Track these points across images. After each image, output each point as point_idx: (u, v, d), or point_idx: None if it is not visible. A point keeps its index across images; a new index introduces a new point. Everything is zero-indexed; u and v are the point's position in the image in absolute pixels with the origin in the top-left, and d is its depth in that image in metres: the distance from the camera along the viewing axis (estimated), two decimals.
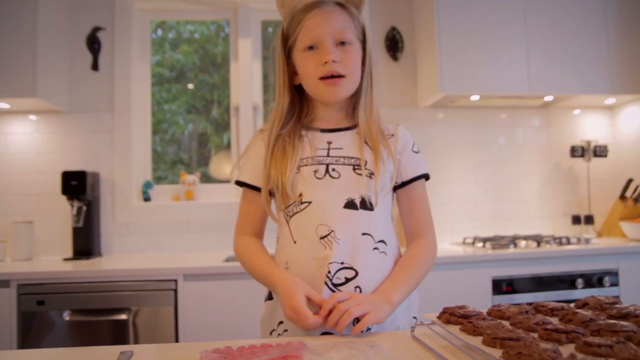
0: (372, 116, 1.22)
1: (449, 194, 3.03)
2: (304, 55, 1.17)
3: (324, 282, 1.12)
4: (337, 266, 1.12)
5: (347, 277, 1.13)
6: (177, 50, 3.24)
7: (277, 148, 1.20)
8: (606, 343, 0.70)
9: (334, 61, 1.14)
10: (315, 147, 1.21)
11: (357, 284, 1.13)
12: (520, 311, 0.93)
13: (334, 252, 1.12)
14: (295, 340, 0.90)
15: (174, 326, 2.18)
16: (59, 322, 2.15)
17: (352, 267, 1.13)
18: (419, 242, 1.24)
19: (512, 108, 3.13)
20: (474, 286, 2.36)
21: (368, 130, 1.20)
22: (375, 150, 1.19)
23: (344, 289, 1.12)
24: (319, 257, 1.13)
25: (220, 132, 3.24)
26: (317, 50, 1.16)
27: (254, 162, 1.24)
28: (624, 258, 2.50)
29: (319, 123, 1.25)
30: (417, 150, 1.28)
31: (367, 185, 1.17)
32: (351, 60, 1.17)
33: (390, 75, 3.00)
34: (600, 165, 3.18)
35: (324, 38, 1.15)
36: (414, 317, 1.24)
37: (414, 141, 1.29)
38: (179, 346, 0.99)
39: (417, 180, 1.25)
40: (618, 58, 2.85)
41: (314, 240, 1.14)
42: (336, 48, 1.16)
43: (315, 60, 1.16)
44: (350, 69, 1.17)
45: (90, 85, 2.79)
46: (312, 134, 1.22)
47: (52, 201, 2.70)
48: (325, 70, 1.15)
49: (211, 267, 2.23)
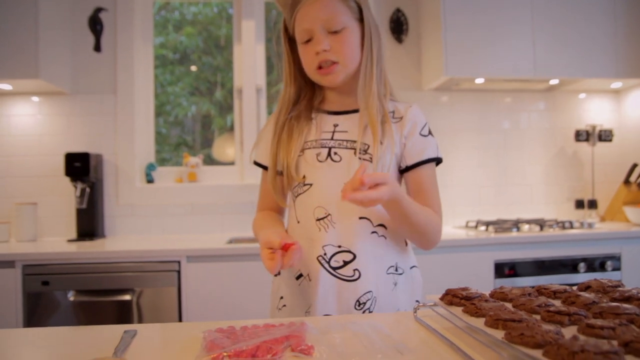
0: (372, 96, 1.18)
1: (452, 178, 3.02)
2: (302, 48, 1.20)
3: (320, 263, 1.14)
4: (333, 249, 1.14)
5: (345, 260, 1.14)
6: (180, 32, 3.21)
7: (285, 131, 1.23)
8: (609, 325, 0.70)
9: (325, 50, 1.15)
10: (321, 130, 1.22)
11: (356, 267, 1.14)
12: (523, 293, 0.93)
13: (328, 234, 1.14)
14: (298, 321, 0.90)
15: (177, 307, 2.20)
16: (64, 302, 2.17)
17: (350, 250, 1.14)
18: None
19: (517, 92, 3.11)
20: (476, 270, 2.36)
21: (367, 112, 1.18)
22: (373, 133, 1.16)
23: (342, 271, 1.14)
24: (314, 238, 1.15)
25: (224, 114, 3.23)
26: (312, 42, 1.17)
27: (266, 144, 1.27)
28: (626, 243, 2.50)
29: (329, 105, 1.26)
30: (426, 133, 1.23)
31: (368, 170, 1.15)
32: (343, 46, 1.16)
33: (395, 57, 2.98)
34: (605, 149, 3.16)
35: (315, 28, 1.15)
36: (417, 301, 1.24)
37: (425, 123, 1.24)
38: (182, 326, 1.00)
39: (424, 164, 1.21)
40: (626, 41, 2.81)
41: (311, 222, 1.17)
42: (328, 36, 1.15)
43: (311, 51, 1.17)
44: (343, 54, 1.16)
45: (92, 67, 2.78)
46: (321, 117, 1.24)
47: (56, 183, 2.71)
48: (318, 60, 1.16)
49: (214, 248, 2.24)
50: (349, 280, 1.14)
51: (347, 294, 1.13)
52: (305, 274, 1.17)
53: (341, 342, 0.81)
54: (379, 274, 1.16)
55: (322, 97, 1.28)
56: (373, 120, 1.16)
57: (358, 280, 1.14)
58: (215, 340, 0.79)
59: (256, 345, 0.75)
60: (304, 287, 1.17)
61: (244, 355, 0.73)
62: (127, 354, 0.80)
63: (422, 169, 1.22)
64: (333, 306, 1.13)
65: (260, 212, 1.33)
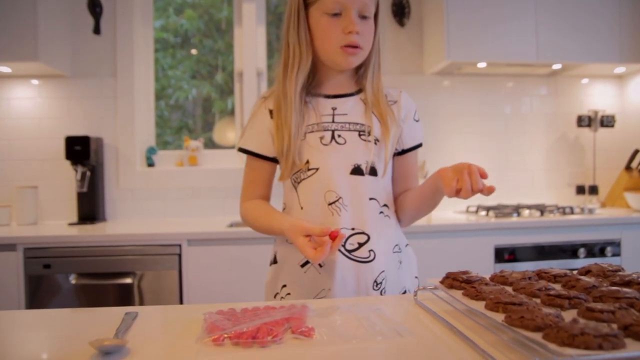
0: (380, 85, 1.23)
1: (453, 162, 2.97)
2: (327, 20, 1.14)
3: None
4: (347, 232, 1.14)
5: (359, 242, 1.15)
6: (181, 15, 3.18)
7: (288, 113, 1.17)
8: (608, 309, 0.71)
9: (357, 32, 1.14)
10: (320, 113, 1.20)
11: (371, 248, 1.16)
12: (523, 277, 0.93)
13: (342, 218, 1.15)
14: (299, 303, 0.91)
15: (178, 290, 2.21)
16: (65, 285, 2.18)
17: (364, 231, 1.16)
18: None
19: (519, 76, 3.09)
20: (476, 254, 2.37)
21: (376, 99, 1.22)
22: (383, 118, 1.20)
23: (358, 254, 1.15)
24: (326, 223, 1.14)
25: (225, 97, 3.22)
26: (341, 18, 1.14)
27: (258, 130, 1.24)
28: (626, 229, 2.50)
29: (323, 89, 1.24)
30: (417, 118, 1.30)
31: (373, 151, 1.18)
32: (369, 34, 1.18)
33: (396, 41, 2.96)
34: (607, 135, 3.15)
35: (350, 7, 1.13)
36: (416, 277, 1.28)
37: (416, 108, 1.30)
38: (183, 308, 1.00)
39: (414, 149, 1.28)
40: (630, 25, 2.78)
41: (322, 206, 1.16)
42: (359, 19, 1.15)
43: (339, 27, 1.14)
44: (368, 41, 1.18)
45: (92, 50, 2.76)
46: (316, 100, 1.22)
47: (56, 166, 2.70)
48: (349, 40, 1.14)
49: (215, 232, 2.24)
50: (366, 262, 1.15)
51: (364, 275, 1.14)
52: None
53: (342, 324, 0.81)
54: (387, 254, 1.19)
55: (317, 79, 1.24)
56: (383, 106, 1.21)
57: (374, 261, 1.16)
58: (216, 322, 0.79)
59: (257, 327, 0.76)
60: (311, 274, 1.16)
61: (244, 337, 0.73)
62: (128, 336, 0.80)
63: (412, 155, 1.29)
64: (352, 289, 1.14)
65: (250, 201, 1.26)
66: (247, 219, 1.25)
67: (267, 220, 1.18)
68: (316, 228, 1.02)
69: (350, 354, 0.71)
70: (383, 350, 0.72)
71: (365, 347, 0.73)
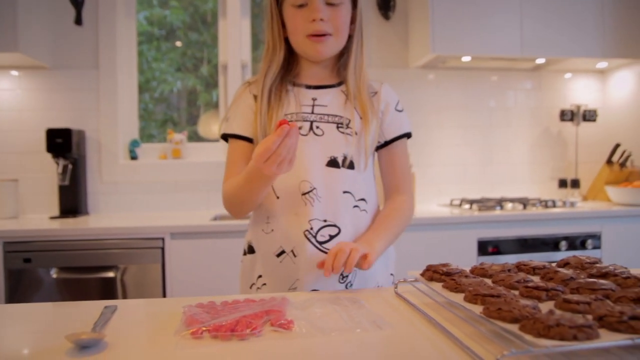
0: (362, 76, 1.23)
1: (438, 156, 3.03)
2: (294, 11, 1.16)
3: (306, 238, 1.13)
4: (319, 223, 1.14)
5: (330, 234, 1.15)
6: (165, 7, 3.15)
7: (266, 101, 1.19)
8: (584, 300, 0.72)
9: (322, 20, 1.13)
10: (300, 103, 1.20)
11: (340, 241, 1.14)
12: (503, 269, 0.94)
13: (314, 208, 1.14)
14: (279, 296, 0.91)
15: (161, 284, 2.20)
16: (47, 279, 2.15)
17: (335, 224, 1.15)
18: (397, 199, 1.26)
19: (503, 70, 3.11)
20: (459, 247, 2.39)
21: (357, 91, 1.21)
22: (364, 110, 1.20)
23: (328, 246, 1.14)
24: (299, 213, 1.15)
25: (210, 90, 3.20)
26: (306, 8, 1.15)
27: (243, 113, 1.22)
28: (607, 222, 2.53)
29: (304, 79, 1.24)
30: (400, 108, 1.28)
31: (351, 144, 1.18)
32: (339, 19, 1.16)
33: (382, 34, 2.95)
34: (589, 129, 3.19)
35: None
36: (391, 274, 1.27)
37: (398, 99, 1.29)
38: (163, 301, 1.00)
39: (399, 139, 1.26)
40: (612, 21, 2.81)
41: (296, 196, 1.15)
42: (326, 7, 1.14)
43: (304, 17, 1.15)
44: (338, 28, 1.16)
45: (74, 41, 2.72)
46: (298, 90, 1.22)
47: (37, 159, 2.66)
48: (313, 29, 1.14)
49: (198, 225, 2.23)
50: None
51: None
52: (288, 250, 1.16)
53: (321, 317, 0.81)
54: None
55: (298, 69, 1.25)
56: (364, 97, 1.21)
57: None
58: (195, 315, 0.78)
59: (236, 320, 0.75)
60: (287, 264, 1.16)
61: (223, 330, 0.73)
62: (106, 329, 0.80)
63: (397, 144, 1.27)
64: (319, 281, 1.14)
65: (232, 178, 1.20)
66: (228, 194, 1.18)
67: (242, 176, 1.10)
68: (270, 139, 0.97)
69: (329, 346, 0.71)
70: (362, 342, 0.72)
71: (344, 339, 0.73)
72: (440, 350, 0.69)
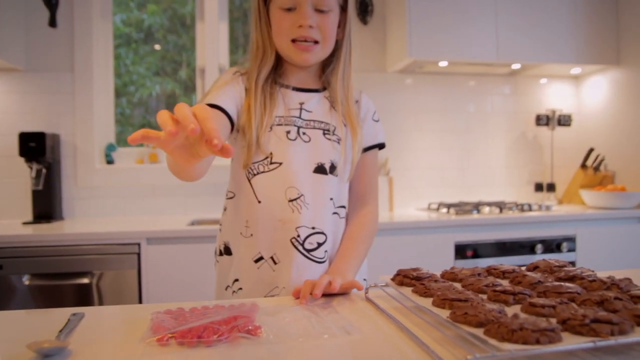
0: (350, 84, 1.21)
1: (415, 160, 3.05)
2: (281, 14, 1.13)
3: (293, 246, 1.12)
4: (307, 231, 1.13)
5: (318, 242, 1.14)
6: (143, 10, 3.12)
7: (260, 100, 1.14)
8: (549, 304, 0.72)
9: (310, 26, 1.11)
10: (287, 106, 1.18)
11: (326, 248, 1.15)
12: (473, 274, 0.94)
13: (302, 216, 1.13)
14: (249, 302, 0.90)
15: (137, 289, 2.17)
16: (19, 286, 2.11)
17: (323, 231, 1.15)
18: (362, 212, 1.25)
19: (480, 75, 3.14)
20: (437, 251, 2.40)
21: (345, 99, 1.20)
22: (351, 120, 1.19)
23: (316, 254, 1.13)
24: (285, 220, 1.12)
25: (189, 93, 3.17)
26: (294, 12, 1.12)
27: (231, 97, 1.12)
28: (581, 225, 2.57)
29: (289, 80, 1.21)
30: (377, 118, 1.29)
31: (337, 151, 1.17)
32: (327, 27, 1.14)
33: (360, 39, 2.97)
34: (564, 134, 3.24)
35: (305, 2, 1.11)
36: (364, 279, 1.27)
37: (375, 109, 1.30)
38: (131, 308, 0.98)
39: (372, 149, 1.27)
40: (585, 28, 2.87)
41: (281, 202, 1.13)
42: (314, 13, 1.12)
43: (292, 21, 1.12)
44: (326, 35, 1.15)
45: (48, 43, 2.68)
46: (285, 91, 1.19)
47: (10, 164, 2.61)
48: (299, 34, 1.12)
49: (174, 230, 2.21)
50: (320, 262, 1.15)
51: (317, 276, 1.11)
52: (267, 257, 1.14)
53: (290, 323, 0.81)
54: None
55: (282, 70, 1.21)
56: (351, 106, 1.20)
57: (325, 262, 1.16)
58: (162, 321, 0.77)
59: (203, 326, 0.74)
60: (264, 270, 1.14)
61: (189, 336, 0.72)
62: (71, 337, 0.78)
63: (370, 154, 1.27)
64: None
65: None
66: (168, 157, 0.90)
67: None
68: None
69: (296, 352, 0.70)
70: (329, 347, 0.72)
71: (311, 344, 0.73)
72: (406, 355, 0.69)
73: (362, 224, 1.23)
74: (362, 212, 1.25)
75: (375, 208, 1.27)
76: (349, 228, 1.23)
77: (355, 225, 1.23)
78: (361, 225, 1.23)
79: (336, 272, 1.10)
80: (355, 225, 1.22)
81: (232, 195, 1.21)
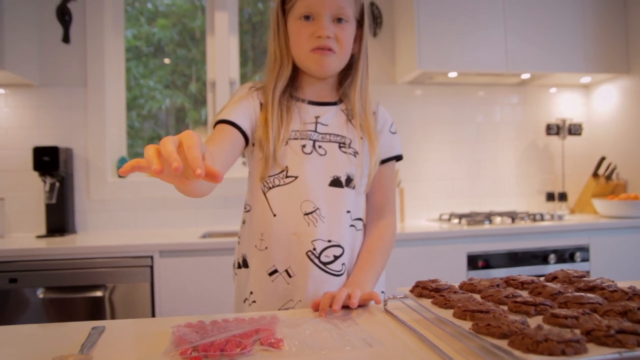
0: (368, 98, 1.22)
1: (426, 171, 3.04)
2: (299, 24, 1.14)
3: (309, 258, 1.12)
4: (323, 244, 1.13)
5: (335, 255, 1.14)
6: (153, 24, 3.16)
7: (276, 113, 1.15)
8: (572, 314, 0.72)
9: (328, 37, 1.12)
10: (303, 120, 1.19)
11: (344, 261, 1.15)
12: (491, 285, 0.94)
13: (318, 229, 1.13)
14: (269, 315, 0.90)
15: (150, 303, 2.17)
16: (33, 299, 2.12)
17: (340, 244, 1.15)
18: (380, 224, 1.25)
19: (489, 86, 3.15)
20: (449, 262, 2.39)
21: (363, 112, 1.21)
22: (369, 133, 1.20)
23: (332, 267, 1.13)
24: (300, 233, 1.13)
25: (199, 107, 3.20)
26: (312, 22, 1.13)
27: (246, 113, 1.14)
28: (594, 234, 2.55)
29: (305, 94, 1.22)
30: (394, 130, 1.29)
31: (353, 164, 1.17)
32: (344, 38, 1.15)
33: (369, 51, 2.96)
34: (575, 143, 3.23)
35: (322, 11, 1.12)
36: (382, 292, 1.26)
37: (392, 121, 1.30)
38: (151, 321, 0.98)
39: (390, 161, 1.27)
40: (594, 37, 2.87)
41: (297, 216, 1.13)
42: (332, 24, 1.13)
43: (310, 31, 1.13)
44: (343, 45, 1.16)
45: (61, 59, 2.71)
46: (300, 105, 1.20)
47: (24, 178, 2.64)
48: (318, 44, 1.13)
49: (187, 243, 2.21)
50: (337, 275, 1.15)
51: (335, 289, 1.12)
52: (281, 270, 1.14)
53: (311, 335, 0.81)
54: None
55: (298, 83, 1.22)
56: (369, 119, 1.21)
57: (343, 275, 1.16)
58: (184, 335, 0.78)
59: (225, 339, 0.75)
60: (279, 283, 1.14)
61: (212, 350, 0.72)
62: (93, 351, 0.79)
63: (387, 166, 1.27)
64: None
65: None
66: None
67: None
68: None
69: None
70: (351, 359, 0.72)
71: (334, 357, 0.73)
72: None
73: (380, 236, 1.23)
74: (380, 224, 1.25)
75: (393, 220, 1.27)
76: (367, 240, 1.23)
77: (373, 237, 1.23)
78: (379, 237, 1.23)
79: (354, 284, 1.10)
80: (373, 238, 1.23)
81: (249, 209, 1.22)
